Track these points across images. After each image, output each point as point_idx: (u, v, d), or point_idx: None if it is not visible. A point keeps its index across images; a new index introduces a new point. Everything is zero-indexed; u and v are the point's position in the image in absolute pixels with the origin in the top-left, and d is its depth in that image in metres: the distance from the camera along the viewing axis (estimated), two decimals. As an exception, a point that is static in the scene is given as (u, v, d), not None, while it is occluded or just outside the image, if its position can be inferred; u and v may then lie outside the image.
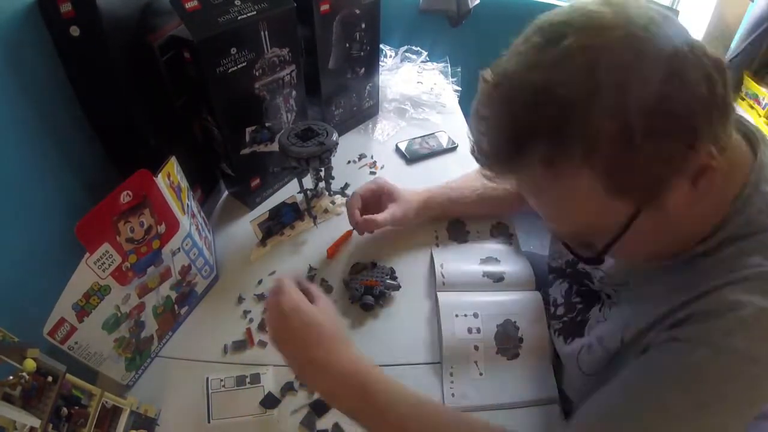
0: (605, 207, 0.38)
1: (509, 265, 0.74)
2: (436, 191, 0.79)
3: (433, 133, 1.06)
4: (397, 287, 0.71)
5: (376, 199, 0.76)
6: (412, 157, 1.00)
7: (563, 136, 0.35)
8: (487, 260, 0.76)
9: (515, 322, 0.66)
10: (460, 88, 1.24)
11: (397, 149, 1.02)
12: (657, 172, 0.36)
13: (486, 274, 0.72)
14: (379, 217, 0.73)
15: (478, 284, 0.72)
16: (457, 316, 0.66)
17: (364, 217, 0.72)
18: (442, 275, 0.72)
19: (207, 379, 0.61)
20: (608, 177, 0.36)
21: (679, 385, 0.38)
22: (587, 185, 0.37)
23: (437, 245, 0.79)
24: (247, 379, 0.61)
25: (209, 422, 0.57)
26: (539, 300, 0.68)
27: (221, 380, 0.61)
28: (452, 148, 1.03)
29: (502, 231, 0.82)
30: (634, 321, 0.47)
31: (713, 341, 0.37)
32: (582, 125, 0.34)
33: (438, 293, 0.70)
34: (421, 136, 1.05)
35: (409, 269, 0.76)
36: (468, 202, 0.78)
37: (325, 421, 0.58)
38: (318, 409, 0.59)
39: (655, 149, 0.34)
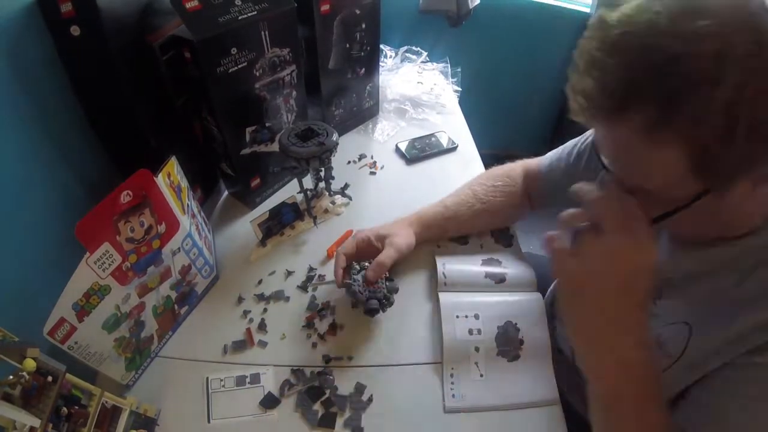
0: (680, 181, 0.39)
1: (511, 266, 0.74)
2: (428, 211, 0.78)
3: (433, 134, 1.06)
4: (397, 289, 0.70)
5: (366, 248, 0.71)
6: (412, 157, 1.00)
7: (675, 110, 0.35)
8: (489, 261, 0.75)
9: (516, 324, 0.65)
10: (460, 89, 1.24)
11: (397, 149, 1.02)
12: (741, 167, 0.37)
13: (488, 275, 0.72)
14: (383, 256, 0.67)
15: (479, 285, 0.71)
16: (458, 317, 0.66)
17: (374, 262, 0.67)
18: (444, 275, 0.72)
19: (207, 379, 0.61)
20: (697, 158, 0.37)
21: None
22: (674, 158, 0.37)
23: (438, 246, 0.78)
24: (247, 379, 0.61)
25: (209, 422, 0.58)
26: (540, 302, 0.68)
27: (221, 380, 0.61)
28: (452, 149, 1.03)
29: (503, 233, 0.81)
30: (697, 330, 0.47)
31: None
32: (697, 106, 0.34)
33: (439, 293, 0.70)
34: (421, 137, 1.05)
35: (411, 270, 0.75)
36: (464, 218, 0.77)
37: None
38: (312, 394, 0.60)
39: (750, 149, 0.35)
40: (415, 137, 1.05)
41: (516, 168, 0.82)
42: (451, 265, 0.73)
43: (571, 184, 0.63)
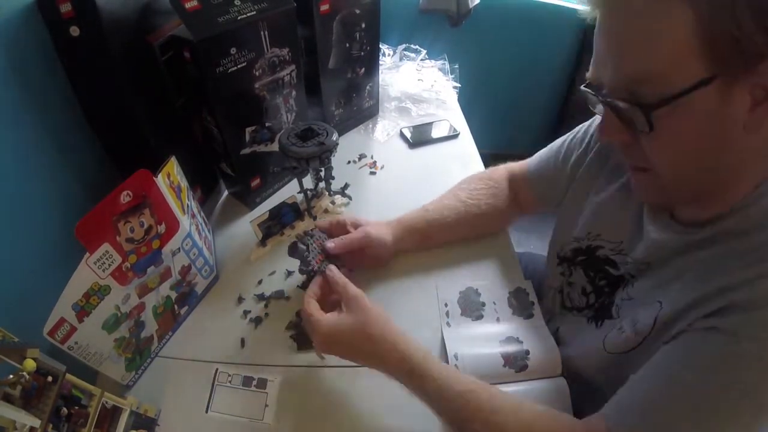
0: (683, 57, 0.37)
1: (532, 344, 0.64)
2: (409, 215, 0.75)
3: (436, 121, 1.12)
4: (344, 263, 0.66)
5: (339, 230, 0.70)
6: (415, 141, 1.04)
7: None
8: (507, 341, 0.65)
9: None
10: (459, 85, 1.25)
11: (402, 134, 1.07)
12: (743, 47, 0.35)
13: (507, 363, 0.62)
14: (349, 236, 0.67)
15: (498, 376, 0.61)
16: None
17: (340, 237, 0.67)
18: (457, 368, 0.61)
19: (216, 369, 0.62)
20: (703, 24, 0.35)
21: (723, 377, 0.39)
22: (681, 22, 0.36)
23: (448, 324, 0.68)
24: (254, 382, 0.61)
25: (207, 412, 0.58)
26: (565, 388, 0.60)
27: (229, 375, 0.61)
28: (454, 136, 1.07)
29: (521, 300, 0.71)
30: (666, 303, 0.47)
31: (760, 336, 0.38)
32: None
33: None
34: (424, 123, 1.11)
35: None
36: (448, 222, 0.74)
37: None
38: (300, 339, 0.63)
39: (755, 26, 0.34)
40: (419, 124, 1.10)
41: (499, 170, 0.81)
42: (464, 354, 0.63)
43: (562, 183, 0.63)
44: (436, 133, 1.07)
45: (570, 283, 0.66)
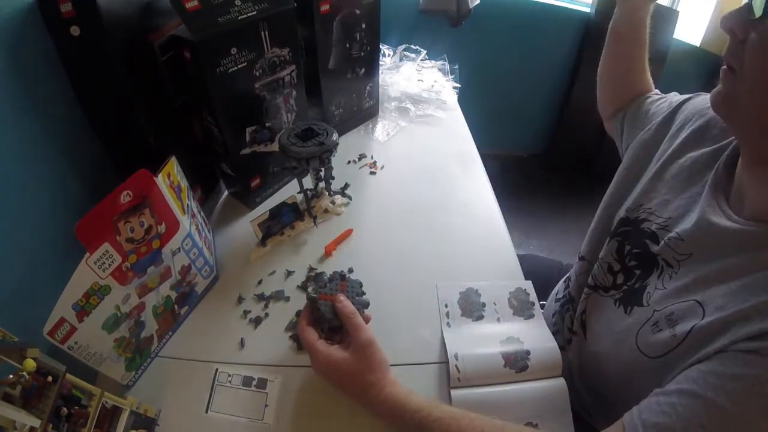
0: None
1: (532, 345, 0.64)
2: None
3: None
4: (367, 304, 0.61)
5: None
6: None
7: None
8: (508, 341, 0.65)
9: (537, 424, 0.59)
10: (459, 85, 1.25)
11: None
12: None
13: (507, 363, 0.62)
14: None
15: (498, 375, 0.61)
16: None
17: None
18: (457, 369, 0.61)
19: (216, 369, 0.62)
20: None
21: (764, 402, 0.37)
22: None
23: (449, 325, 0.68)
24: (254, 382, 0.61)
25: (206, 412, 0.58)
26: (564, 389, 0.60)
27: (229, 375, 0.61)
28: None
29: (521, 300, 0.71)
30: (707, 308, 0.45)
31: None
32: None
33: (452, 391, 0.60)
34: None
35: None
36: None
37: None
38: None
39: None
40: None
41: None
42: (465, 356, 0.62)
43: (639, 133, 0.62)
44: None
45: (600, 259, 0.64)
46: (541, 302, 0.72)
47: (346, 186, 0.90)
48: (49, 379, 0.42)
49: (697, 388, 0.41)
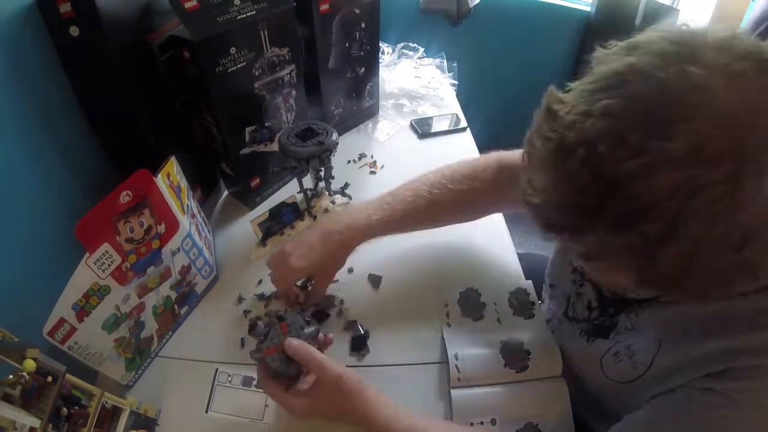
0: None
1: (533, 345, 0.64)
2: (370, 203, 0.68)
3: (445, 114, 1.14)
4: (317, 332, 0.56)
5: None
6: (423, 132, 1.06)
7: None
8: (508, 341, 0.64)
9: (537, 425, 0.58)
10: (456, 82, 1.25)
11: (411, 125, 1.10)
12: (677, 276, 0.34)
13: (508, 363, 0.62)
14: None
15: (498, 375, 0.61)
16: (472, 424, 0.58)
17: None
18: (457, 369, 0.61)
19: (216, 370, 0.62)
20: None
21: None
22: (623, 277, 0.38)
23: (449, 325, 0.68)
24: (254, 382, 0.61)
25: (206, 412, 0.58)
26: (564, 389, 0.60)
27: (229, 375, 0.61)
28: (462, 129, 1.09)
29: (522, 300, 0.71)
30: (665, 346, 0.47)
31: (761, 403, 0.38)
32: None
33: (452, 390, 0.60)
34: (433, 116, 1.13)
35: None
36: (416, 207, 0.66)
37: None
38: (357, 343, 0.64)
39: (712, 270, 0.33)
40: (429, 116, 1.13)
41: (490, 156, 0.72)
42: (465, 355, 0.62)
43: None
44: (444, 125, 1.10)
45: (578, 294, 0.63)
46: (541, 302, 0.72)
47: (346, 186, 0.90)
48: (49, 379, 0.42)
49: (654, 421, 0.44)
